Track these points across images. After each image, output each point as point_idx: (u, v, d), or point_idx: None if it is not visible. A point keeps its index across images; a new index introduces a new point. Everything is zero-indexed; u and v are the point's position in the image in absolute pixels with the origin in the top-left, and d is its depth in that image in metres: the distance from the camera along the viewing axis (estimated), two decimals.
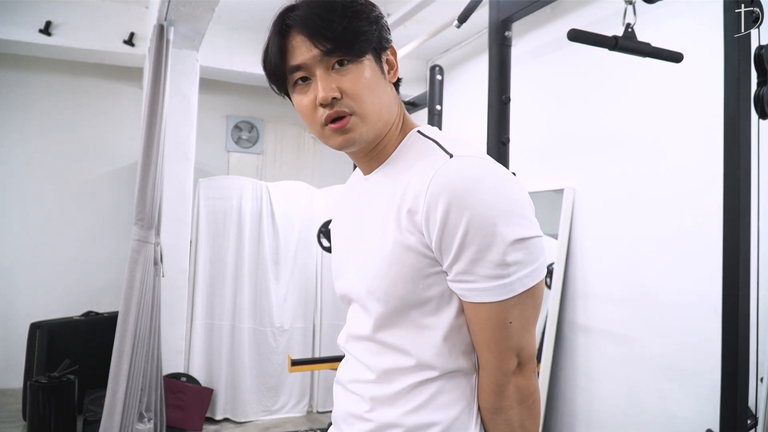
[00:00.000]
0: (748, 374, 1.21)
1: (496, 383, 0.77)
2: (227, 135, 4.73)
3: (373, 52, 0.81)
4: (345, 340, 0.91)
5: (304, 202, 3.73)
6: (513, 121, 1.79)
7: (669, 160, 2.19)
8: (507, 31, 1.72)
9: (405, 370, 0.80)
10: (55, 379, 2.82)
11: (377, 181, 0.86)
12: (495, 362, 0.76)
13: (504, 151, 1.73)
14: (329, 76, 0.78)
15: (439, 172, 0.73)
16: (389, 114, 0.84)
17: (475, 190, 0.71)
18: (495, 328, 0.74)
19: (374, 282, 0.80)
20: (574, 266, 2.60)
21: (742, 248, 1.21)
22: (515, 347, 0.76)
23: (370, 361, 0.83)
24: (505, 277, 0.71)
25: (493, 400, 0.78)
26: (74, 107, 4.13)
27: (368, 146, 0.84)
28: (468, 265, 0.72)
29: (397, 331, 0.80)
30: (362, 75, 0.78)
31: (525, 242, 0.72)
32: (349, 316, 0.92)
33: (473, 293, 0.73)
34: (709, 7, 2.01)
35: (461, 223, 0.70)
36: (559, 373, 2.62)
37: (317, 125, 0.80)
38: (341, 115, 0.78)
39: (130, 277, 2.57)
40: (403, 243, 0.76)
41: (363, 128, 0.80)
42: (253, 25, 3.88)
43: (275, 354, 3.54)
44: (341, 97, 0.77)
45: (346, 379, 0.90)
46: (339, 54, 0.77)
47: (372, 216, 0.84)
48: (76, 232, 4.09)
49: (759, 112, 1.26)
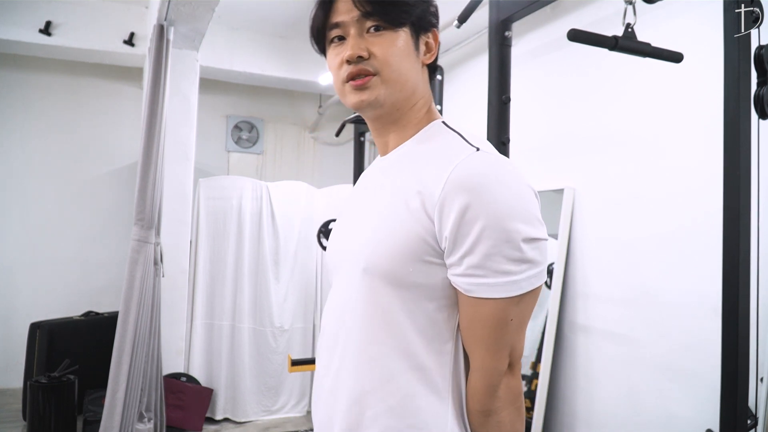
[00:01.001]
0: (748, 374, 1.21)
1: (490, 384, 0.76)
2: (227, 135, 4.73)
3: (411, 27, 0.83)
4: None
5: (304, 202, 3.73)
6: (513, 121, 1.79)
7: (669, 160, 2.19)
8: (507, 31, 1.72)
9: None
10: (55, 379, 2.82)
11: (394, 160, 0.86)
12: (491, 362, 0.76)
13: (504, 151, 1.73)
14: (362, 38, 0.81)
15: (464, 162, 0.74)
16: (413, 89, 0.85)
17: (500, 186, 0.72)
18: (496, 325, 0.74)
19: (365, 248, 0.79)
20: (574, 266, 2.60)
21: (742, 248, 1.21)
22: (509, 346, 0.76)
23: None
24: (516, 273, 0.72)
25: (485, 401, 0.77)
26: (74, 107, 4.13)
27: (385, 116, 0.85)
28: (482, 258, 0.71)
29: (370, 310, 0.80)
30: (394, 42, 0.81)
31: (537, 243, 0.74)
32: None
33: (482, 288, 0.73)
34: (709, 7, 2.01)
35: (481, 216, 0.71)
36: (559, 373, 2.62)
37: (339, 81, 0.84)
38: (364, 74, 0.80)
39: (130, 277, 2.57)
40: (406, 221, 0.76)
41: (381, 90, 0.81)
42: (253, 25, 3.88)
43: (275, 354, 3.54)
44: (368, 57, 0.80)
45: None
46: (375, 18, 0.80)
47: (382, 192, 0.84)
48: (76, 232, 4.09)
49: (759, 112, 1.26)
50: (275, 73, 4.05)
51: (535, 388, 2.56)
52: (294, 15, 3.69)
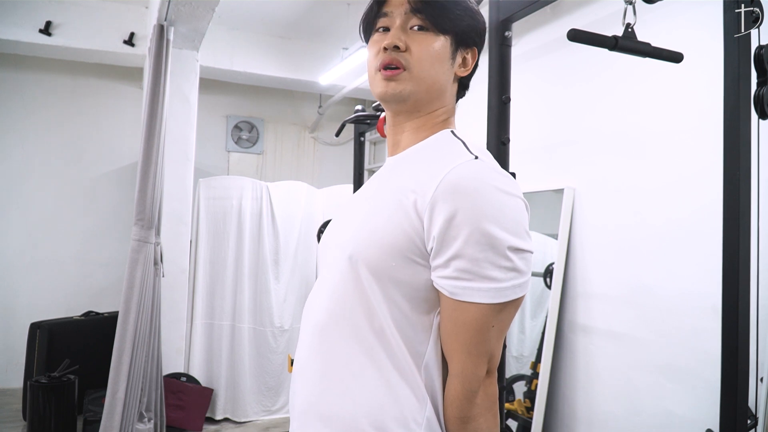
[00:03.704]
0: (748, 374, 1.21)
1: (469, 389, 0.76)
2: (227, 135, 4.73)
3: (453, 36, 0.86)
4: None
5: (304, 202, 3.73)
6: (513, 121, 1.78)
7: (669, 160, 2.19)
8: (507, 31, 1.71)
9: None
10: (55, 379, 2.82)
11: (400, 159, 0.88)
12: (471, 367, 0.76)
13: (504, 151, 1.73)
14: (404, 32, 0.84)
15: (461, 166, 0.75)
16: (439, 94, 0.87)
17: (492, 194, 0.73)
18: (477, 331, 0.75)
19: (353, 238, 0.80)
20: (574, 266, 2.60)
21: (742, 248, 1.21)
22: (489, 353, 0.77)
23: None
24: (502, 281, 0.73)
25: (464, 407, 0.76)
26: (74, 107, 4.13)
27: (405, 113, 0.87)
28: (469, 263, 0.72)
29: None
30: (432, 45, 0.84)
31: (523, 254, 0.75)
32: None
33: (467, 291, 0.73)
34: (709, 7, 2.01)
35: (469, 221, 0.71)
36: (559, 373, 2.62)
37: (373, 68, 0.86)
38: (395, 65, 0.83)
39: (130, 277, 2.57)
40: (395, 216, 0.77)
41: (408, 86, 0.83)
42: (253, 25, 3.88)
43: (275, 354, 3.54)
44: (405, 50, 0.83)
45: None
46: (422, 17, 0.83)
47: (380, 190, 0.85)
48: (76, 232, 4.09)
49: (759, 112, 1.26)
50: (275, 73, 4.05)
51: (535, 388, 2.56)
52: (294, 15, 3.69)
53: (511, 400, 2.67)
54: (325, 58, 4.08)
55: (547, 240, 2.70)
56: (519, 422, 2.63)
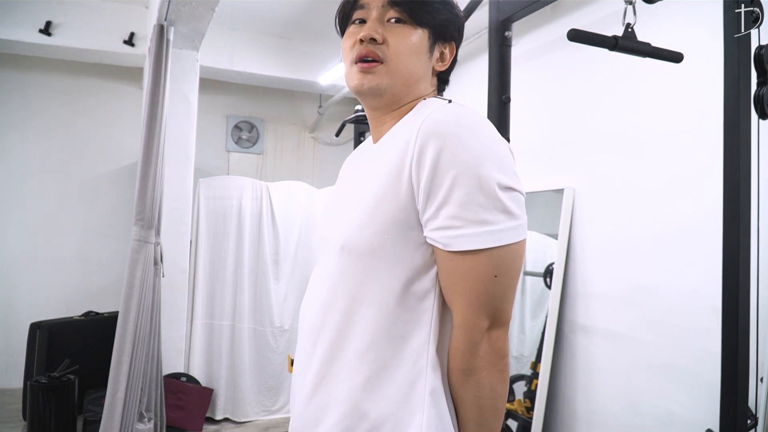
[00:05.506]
0: (748, 374, 1.21)
1: (471, 341, 0.74)
2: (227, 135, 4.73)
3: (431, 30, 0.85)
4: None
5: (304, 202, 3.73)
6: (513, 121, 1.79)
7: (669, 160, 2.19)
8: (507, 31, 1.72)
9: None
10: (55, 379, 2.82)
11: (381, 143, 0.87)
12: (472, 317, 0.74)
13: None
14: (381, 24, 0.83)
15: (435, 112, 0.75)
16: (416, 86, 0.86)
17: (471, 132, 0.73)
18: (476, 280, 0.73)
19: (345, 229, 0.79)
20: (574, 266, 2.60)
21: (742, 248, 1.21)
22: (494, 305, 0.74)
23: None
24: (494, 224, 0.72)
25: (466, 359, 0.75)
26: (74, 107, 4.13)
27: (383, 107, 0.86)
28: (457, 208, 0.71)
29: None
30: (409, 38, 0.83)
31: (512, 193, 0.73)
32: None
33: (459, 240, 0.72)
34: (709, 7, 2.01)
35: (454, 163, 0.71)
36: (559, 373, 2.62)
37: (349, 61, 0.85)
38: (372, 57, 0.81)
39: (130, 277, 2.57)
40: (388, 189, 0.76)
41: (385, 79, 0.82)
42: (253, 25, 3.88)
43: (275, 354, 3.54)
44: (382, 42, 0.81)
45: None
46: (399, 10, 0.82)
47: (368, 173, 0.84)
48: (76, 232, 4.09)
49: (759, 112, 1.26)
50: (275, 73, 4.05)
51: (535, 388, 2.56)
52: (294, 15, 3.69)
53: (511, 400, 2.67)
54: (325, 58, 4.08)
55: (547, 240, 2.70)
56: (519, 422, 2.63)
